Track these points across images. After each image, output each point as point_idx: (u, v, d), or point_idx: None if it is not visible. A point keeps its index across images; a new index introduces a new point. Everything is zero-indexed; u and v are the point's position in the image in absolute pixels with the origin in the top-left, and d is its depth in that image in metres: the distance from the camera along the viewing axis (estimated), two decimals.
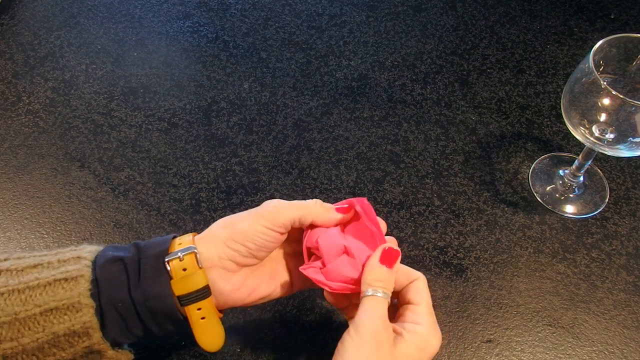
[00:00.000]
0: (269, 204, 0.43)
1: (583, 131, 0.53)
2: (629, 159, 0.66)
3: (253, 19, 0.80)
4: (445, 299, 0.56)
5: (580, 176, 0.63)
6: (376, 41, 0.77)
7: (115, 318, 0.39)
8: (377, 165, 0.66)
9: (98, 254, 0.41)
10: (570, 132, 0.55)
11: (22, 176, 0.65)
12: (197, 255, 0.41)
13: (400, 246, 0.59)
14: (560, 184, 0.64)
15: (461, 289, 0.57)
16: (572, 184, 0.63)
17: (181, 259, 0.41)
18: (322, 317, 0.55)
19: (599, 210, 0.62)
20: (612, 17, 0.80)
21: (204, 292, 0.41)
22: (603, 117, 0.51)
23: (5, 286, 0.37)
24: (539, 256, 0.59)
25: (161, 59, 0.75)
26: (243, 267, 0.44)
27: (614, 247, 0.60)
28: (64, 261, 0.39)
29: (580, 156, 0.60)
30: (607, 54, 0.53)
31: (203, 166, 0.65)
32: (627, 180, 0.65)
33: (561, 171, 0.65)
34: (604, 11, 0.81)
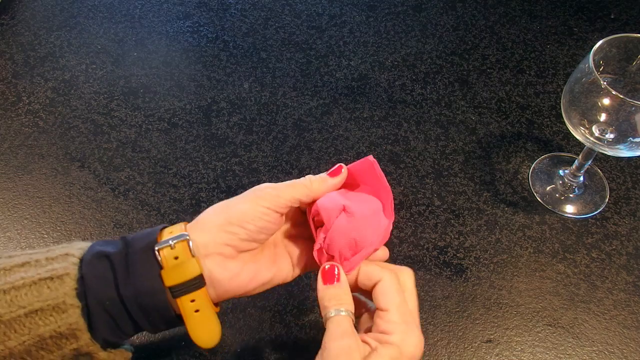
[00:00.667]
0: (264, 187, 0.42)
1: (583, 131, 0.53)
2: (629, 159, 0.66)
3: (253, 19, 0.80)
4: (445, 299, 0.56)
5: (580, 176, 0.63)
6: (376, 41, 0.77)
7: (104, 318, 0.37)
8: None
9: (86, 251, 0.39)
10: (570, 132, 0.55)
11: (22, 176, 0.65)
12: (190, 242, 0.39)
13: (400, 246, 0.59)
14: (560, 184, 0.64)
15: (461, 289, 0.57)
16: (572, 184, 0.63)
17: (172, 246, 0.38)
18: None
19: (599, 210, 0.62)
20: (612, 17, 0.80)
21: (197, 281, 0.39)
22: (603, 117, 0.51)
23: None
24: (539, 256, 0.59)
25: (161, 59, 0.75)
26: (241, 252, 0.42)
27: (614, 247, 0.60)
28: (52, 259, 0.38)
29: (580, 156, 0.60)
30: (607, 54, 0.53)
31: (203, 166, 0.65)
32: (627, 180, 0.65)
33: (561, 171, 0.65)
34: (604, 11, 0.81)
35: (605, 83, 0.48)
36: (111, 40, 0.77)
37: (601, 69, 0.54)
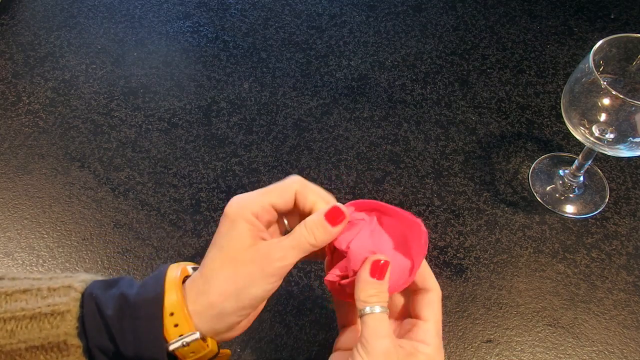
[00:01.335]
0: (269, 253, 0.38)
1: (583, 131, 0.53)
2: (629, 159, 0.66)
3: (253, 19, 0.80)
4: (445, 299, 0.56)
5: (580, 176, 0.63)
6: (376, 41, 0.77)
7: (102, 358, 0.38)
8: (377, 165, 0.66)
9: (86, 288, 0.38)
10: (570, 132, 0.55)
11: (22, 176, 0.65)
12: (201, 338, 0.38)
13: None
14: (560, 184, 0.64)
15: (461, 289, 0.57)
16: (572, 184, 0.63)
17: (186, 344, 0.37)
18: (322, 317, 0.55)
19: (599, 210, 0.62)
20: (612, 17, 0.80)
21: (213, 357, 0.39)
22: (603, 117, 0.51)
23: None
24: (539, 256, 0.59)
25: (161, 59, 0.75)
26: None
27: (614, 247, 0.60)
28: (54, 290, 0.37)
29: (580, 156, 0.60)
30: (607, 54, 0.53)
31: (203, 166, 0.65)
32: (627, 180, 0.65)
33: (561, 171, 0.65)
34: (604, 11, 0.81)
35: (605, 83, 0.48)
36: (111, 40, 0.77)
37: (601, 69, 0.54)
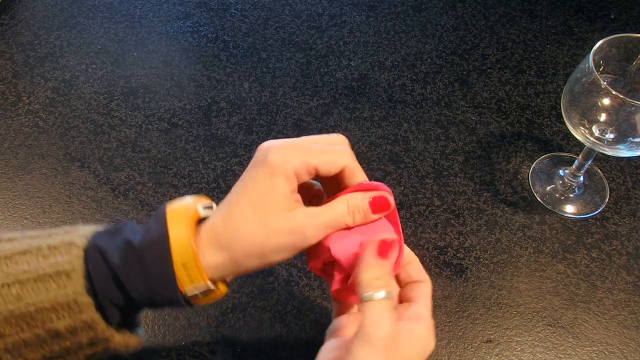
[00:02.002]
0: (305, 224, 0.36)
1: (583, 131, 0.53)
2: (629, 159, 0.66)
3: (253, 19, 0.80)
4: (445, 299, 0.56)
5: (580, 176, 0.63)
6: (376, 41, 0.77)
7: (114, 310, 0.37)
8: (377, 165, 0.66)
9: (89, 242, 0.37)
10: (570, 132, 0.55)
11: (22, 176, 0.65)
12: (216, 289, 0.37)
13: None
14: (560, 184, 0.64)
15: (461, 289, 0.57)
16: (572, 184, 0.63)
17: (201, 295, 0.37)
18: (322, 317, 0.55)
19: (599, 210, 0.62)
20: (612, 17, 0.80)
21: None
22: (603, 117, 0.51)
23: None
24: (539, 256, 0.59)
25: (161, 59, 0.75)
26: None
27: (614, 247, 0.60)
28: (55, 248, 0.36)
29: (580, 156, 0.60)
30: (607, 54, 0.53)
31: (203, 166, 0.65)
32: (627, 180, 0.65)
33: (561, 171, 0.65)
34: (604, 11, 0.81)
35: (605, 83, 0.48)
36: (111, 40, 0.77)
37: (601, 69, 0.54)
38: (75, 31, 0.78)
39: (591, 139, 0.53)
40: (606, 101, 0.49)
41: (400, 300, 0.42)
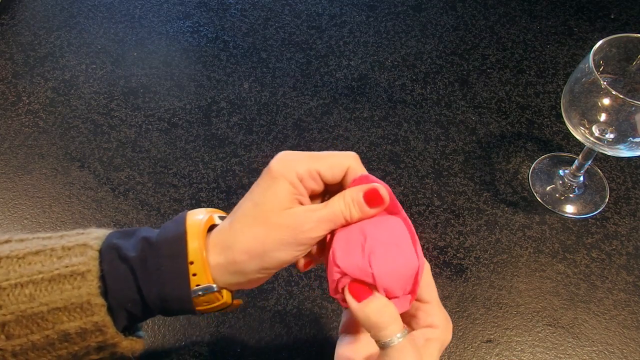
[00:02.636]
0: (303, 222, 0.36)
1: (583, 131, 0.53)
2: (629, 159, 0.66)
3: (253, 19, 0.80)
4: (445, 299, 0.56)
5: (580, 176, 0.63)
6: (376, 41, 0.77)
7: (124, 314, 0.37)
8: (377, 165, 0.66)
9: (103, 243, 0.38)
10: (570, 132, 0.55)
11: (22, 176, 0.65)
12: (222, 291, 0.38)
13: None
14: (560, 184, 0.64)
15: (461, 289, 0.57)
16: (572, 184, 0.63)
17: (202, 293, 0.37)
18: (322, 317, 0.55)
19: (599, 210, 0.62)
20: (612, 17, 0.80)
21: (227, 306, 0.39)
22: (603, 117, 0.51)
23: (7, 280, 0.35)
24: (539, 256, 0.59)
25: (161, 59, 0.75)
26: None
27: (614, 247, 0.60)
28: (69, 249, 0.36)
29: (580, 156, 0.60)
30: (607, 54, 0.53)
31: (203, 166, 0.65)
32: (627, 180, 0.65)
33: (561, 171, 0.65)
34: (604, 11, 0.81)
35: (605, 83, 0.48)
36: (111, 40, 0.77)
37: (601, 69, 0.54)
38: (75, 31, 0.78)
39: (591, 139, 0.53)
40: (606, 101, 0.49)
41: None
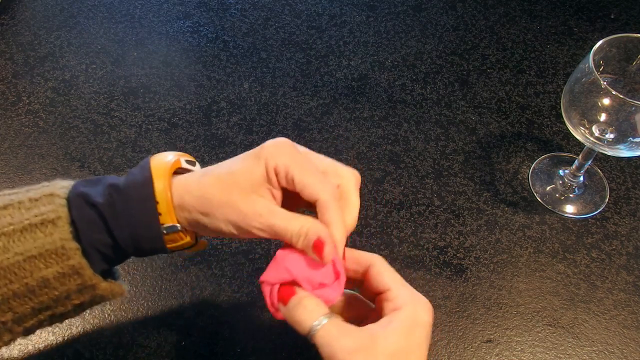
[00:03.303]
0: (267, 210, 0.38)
1: (583, 131, 0.53)
2: (629, 159, 0.66)
3: (253, 19, 0.80)
4: (445, 299, 0.56)
5: (580, 176, 0.63)
6: (376, 41, 0.77)
7: (98, 256, 0.38)
8: (377, 165, 0.66)
9: (70, 192, 0.39)
10: (570, 132, 0.55)
11: (22, 176, 0.65)
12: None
13: (400, 246, 0.59)
14: (560, 184, 0.64)
15: (461, 289, 0.57)
16: (572, 184, 0.63)
17: (166, 232, 0.39)
18: None
19: (599, 210, 0.62)
20: (612, 17, 0.80)
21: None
22: (603, 117, 0.51)
23: None
24: (539, 256, 0.59)
25: (161, 59, 0.75)
26: None
27: (614, 247, 0.60)
28: (36, 199, 0.37)
29: (580, 156, 0.60)
30: (607, 54, 0.53)
31: (203, 166, 0.65)
32: (627, 180, 0.65)
33: (561, 171, 0.65)
34: (604, 11, 0.81)
35: (605, 83, 0.48)
36: (111, 40, 0.77)
37: (601, 69, 0.54)
38: (75, 31, 0.78)
39: (591, 139, 0.53)
40: (606, 101, 0.49)
41: (370, 294, 0.40)
